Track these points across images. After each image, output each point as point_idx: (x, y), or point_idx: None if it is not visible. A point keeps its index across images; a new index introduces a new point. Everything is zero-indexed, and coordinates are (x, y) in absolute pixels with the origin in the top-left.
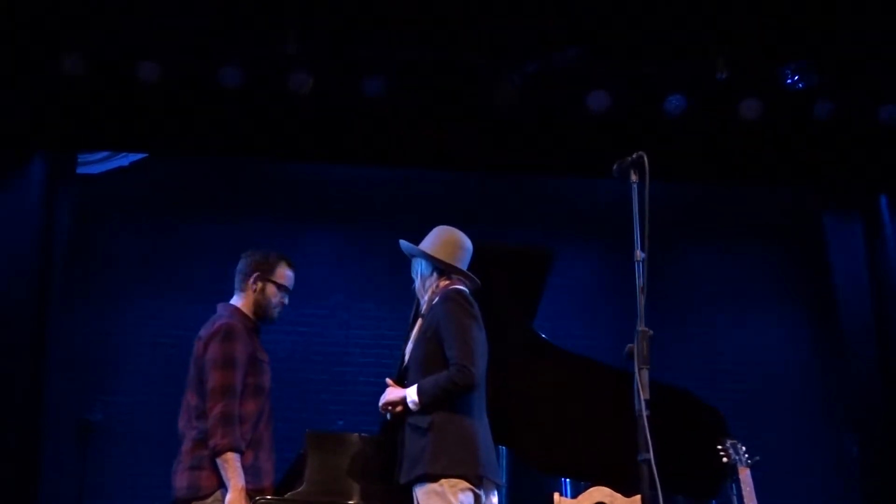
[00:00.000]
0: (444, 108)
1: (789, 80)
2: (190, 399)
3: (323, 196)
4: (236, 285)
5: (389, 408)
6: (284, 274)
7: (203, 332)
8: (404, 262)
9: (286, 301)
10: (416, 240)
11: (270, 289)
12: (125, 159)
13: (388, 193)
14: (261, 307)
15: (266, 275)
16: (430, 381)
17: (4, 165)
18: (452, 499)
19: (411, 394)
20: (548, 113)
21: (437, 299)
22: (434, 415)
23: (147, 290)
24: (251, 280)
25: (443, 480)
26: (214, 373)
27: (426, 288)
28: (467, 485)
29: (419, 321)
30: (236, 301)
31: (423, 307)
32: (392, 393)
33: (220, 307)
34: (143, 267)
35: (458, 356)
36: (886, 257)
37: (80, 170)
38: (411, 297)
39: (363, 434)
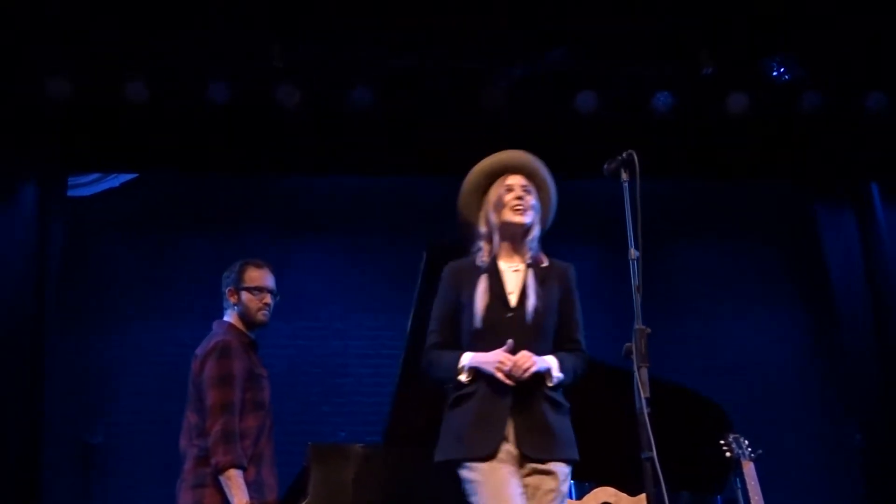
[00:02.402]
0: (433, 115)
1: (775, 73)
2: (190, 418)
3: (316, 208)
4: (223, 304)
5: (526, 374)
6: (252, 276)
7: (199, 351)
8: (400, 271)
9: (269, 300)
10: (415, 249)
11: (245, 296)
12: (116, 180)
13: (381, 202)
14: (245, 316)
15: (236, 284)
16: (571, 361)
17: None
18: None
19: (555, 367)
20: (537, 115)
21: (550, 264)
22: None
23: (143, 309)
24: (227, 295)
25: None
26: (212, 390)
27: (536, 238)
28: None
29: (530, 272)
30: (228, 318)
31: (524, 256)
32: (539, 359)
33: (215, 325)
34: (138, 286)
35: (584, 345)
36: (880, 245)
37: (72, 192)
38: (407, 306)
39: (366, 444)
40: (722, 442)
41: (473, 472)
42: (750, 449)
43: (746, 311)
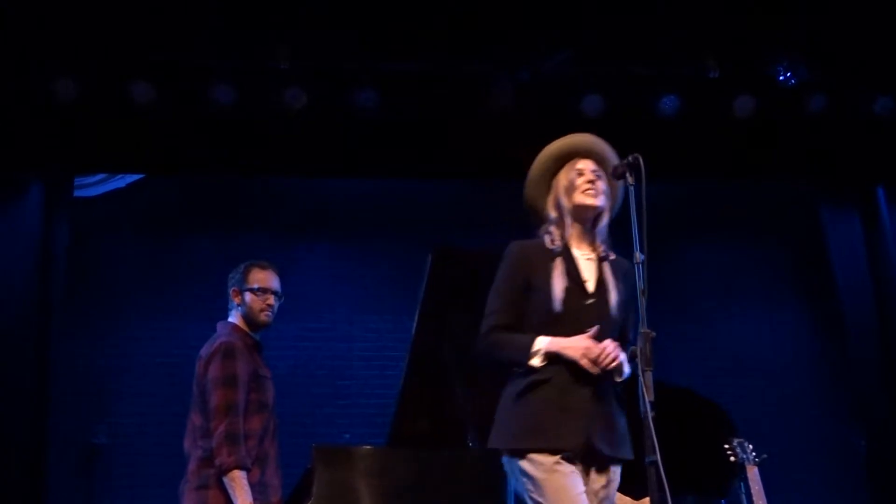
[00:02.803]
0: (439, 118)
1: (782, 77)
2: (194, 419)
3: (322, 209)
4: (228, 305)
5: (613, 364)
6: (256, 277)
7: (203, 352)
8: (405, 274)
9: (273, 302)
10: (421, 251)
11: (248, 297)
12: (122, 181)
13: (387, 205)
14: (249, 317)
15: (241, 286)
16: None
17: (2, 192)
18: None
19: (625, 362)
20: (543, 119)
21: (616, 258)
22: None
23: (148, 309)
24: (232, 296)
25: None
26: (217, 391)
27: (606, 226)
28: None
29: (605, 264)
30: (232, 318)
31: (594, 245)
32: (621, 352)
33: (219, 326)
34: (143, 287)
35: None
36: (885, 247)
37: (78, 193)
38: (412, 309)
39: (370, 447)
40: (726, 446)
41: (539, 468)
42: (754, 453)
43: (752, 313)
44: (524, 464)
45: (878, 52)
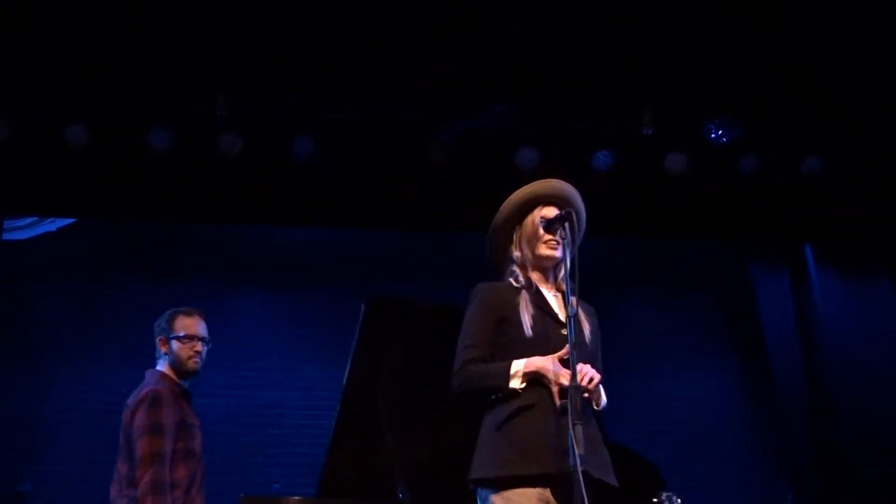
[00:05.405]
0: (374, 168)
1: (713, 135)
2: (121, 468)
3: (255, 257)
4: (156, 354)
5: (592, 384)
6: (182, 324)
7: (130, 401)
8: (338, 323)
9: (200, 348)
10: (354, 301)
11: (175, 344)
12: (52, 224)
13: (320, 253)
14: (176, 365)
15: (167, 334)
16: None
17: None
18: None
19: (602, 390)
20: (479, 171)
21: (580, 304)
22: None
23: (77, 355)
24: (159, 345)
25: None
26: (142, 440)
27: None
28: None
29: (572, 305)
30: (160, 367)
31: (558, 286)
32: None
33: (147, 374)
34: (73, 332)
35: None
36: (812, 305)
37: (7, 236)
38: (344, 358)
39: (299, 497)
40: (655, 500)
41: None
42: None
43: (683, 368)
44: (497, 500)
45: (806, 112)
